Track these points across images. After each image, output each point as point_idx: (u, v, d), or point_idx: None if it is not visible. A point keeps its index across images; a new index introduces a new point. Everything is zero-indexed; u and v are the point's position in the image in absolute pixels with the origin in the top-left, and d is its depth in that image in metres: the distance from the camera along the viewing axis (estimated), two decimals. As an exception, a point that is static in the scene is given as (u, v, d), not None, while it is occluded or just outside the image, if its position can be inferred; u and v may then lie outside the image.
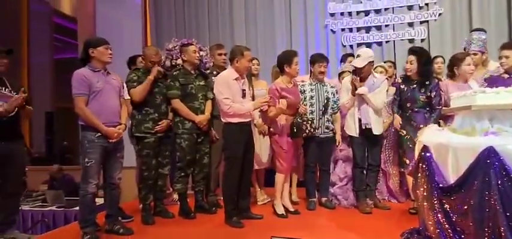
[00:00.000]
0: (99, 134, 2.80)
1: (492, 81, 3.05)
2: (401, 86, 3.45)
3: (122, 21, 6.16)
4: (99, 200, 3.56)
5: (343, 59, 4.53)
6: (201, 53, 4.65)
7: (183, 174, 3.45)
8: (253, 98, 3.79)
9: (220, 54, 3.85)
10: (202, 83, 3.53)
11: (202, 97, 3.49)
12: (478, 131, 2.12)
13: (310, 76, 3.76)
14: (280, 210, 3.44)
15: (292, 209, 3.51)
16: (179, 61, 4.04)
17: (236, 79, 3.16)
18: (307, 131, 3.41)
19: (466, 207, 1.99)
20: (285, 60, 3.42)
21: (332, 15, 5.57)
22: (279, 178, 3.43)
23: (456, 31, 5.02)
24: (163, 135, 3.39)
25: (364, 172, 3.61)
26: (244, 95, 3.21)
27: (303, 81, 3.75)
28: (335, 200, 3.79)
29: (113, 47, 3.00)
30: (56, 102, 8.67)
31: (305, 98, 3.62)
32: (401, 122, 3.36)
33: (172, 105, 3.42)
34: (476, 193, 1.94)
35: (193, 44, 3.60)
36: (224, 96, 3.09)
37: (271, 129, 3.46)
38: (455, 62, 3.30)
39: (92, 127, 2.79)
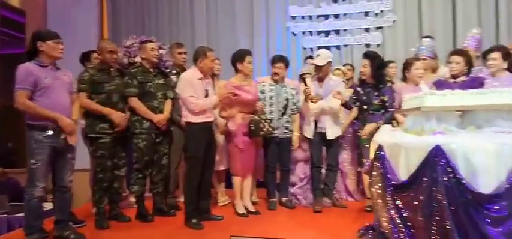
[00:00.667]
0: (48, 133, 2.62)
1: (440, 85, 3.25)
2: (357, 88, 3.59)
3: (76, 15, 5.83)
4: (48, 205, 3.37)
5: (306, 59, 4.64)
6: (161, 51, 4.53)
7: (140, 175, 3.33)
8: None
9: (180, 53, 3.78)
10: (161, 81, 3.43)
11: (161, 96, 3.39)
12: (427, 130, 2.25)
13: (271, 77, 3.80)
14: (241, 210, 3.44)
15: (253, 210, 3.52)
16: (137, 59, 3.90)
17: (200, 79, 3.14)
18: (265, 130, 3.43)
19: (416, 203, 2.09)
20: (237, 58, 3.47)
21: (293, 18, 5.67)
22: (236, 179, 3.44)
23: (408, 37, 5.30)
24: (120, 135, 3.24)
25: (321, 171, 3.70)
26: (207, 96, 3.19)
27: (263, 81, 3.79)
28: (295, 200, 3.86)
29: (65, 42, 2.82)
30: (0, 100, 8.02)
31: (265, 99, 3.66)
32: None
33: (130, 103, 3.30)
34: (425, 189, 2.05)
35: (152, 42, 3.50)
36: (189, 94, 3.07)
37: (228, 129, 3.46)
38: (406, 67, 3.49)
39: (41, 119, 2.60)
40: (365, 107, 3.48)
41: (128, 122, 3.29)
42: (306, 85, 3.56)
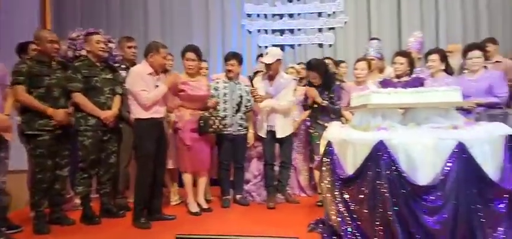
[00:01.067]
0: None
1: (385, 84, 3.43)
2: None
3: (15, 3, 5.37)
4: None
5: (258, 57, 4.67)
6: (110, 45, 4.31)
7: (85, 175, 3.14)
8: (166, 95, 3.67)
9: (130, 48, 3.63)
10: (109, 76, 3.27)
11: (109, 92, 3.23)
12: (372, 126, 2.35)
13: (225, 74, 3.77)
14: (194, 208, 3.38)
15: (206, 207, 3.47)
16: (83, 52, 3.68)
17: (150, 74, 3.05)
18: (214, 126, 3.40)
19: (361, 196, 2.18)
20: (182, 54, 3.46)
21: (249, 16, 5.68)
22: (186, 177, 3.38)
23: (359, 38, 5.54)
24: (62, 132, 3.03)
25: (274, 168, 3.74)
26: None
27: (217, 79, 3.76)
28: (249, 197, 3.86)
29: (1, 32, 2.58)
30: None
31: (218, 96, 3.63)
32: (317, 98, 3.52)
33: (74, 99, 3.10)
34: (369, 183, 2.14)
35: (98, 34, 3.31)
36: (140, 88, 2.97)
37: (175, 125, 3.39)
38: (354, 67, 3.65)
39: None
40: (315, 105, 3.56)
41: (71, 118, 3.08)
42: (252, 84, 3.58)
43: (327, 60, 4.08)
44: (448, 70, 3.64)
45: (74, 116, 3.10)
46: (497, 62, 4.09)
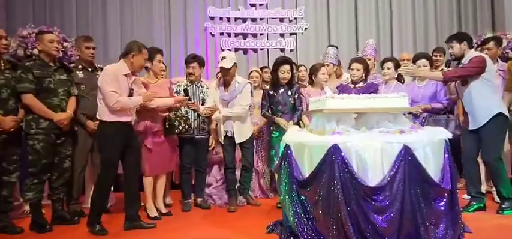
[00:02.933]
0: None
1: (342, 89, 3.59)
2: (270, 91, 3.73)
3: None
4: None
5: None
6: (66, 44, 4.15)
7: (36, 181, 2.98)
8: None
9: (88, 48, 3.48)
10: (63, 77, 3.14)
11: (63, 93, 3.10)
12: (328, 130, 2.45)
13: (187, 77, 3.75)
14: (153, 213, 3.32)
15: (165, 211, 3.43)
16: (35, 51, 3.51)
17: (126, 75, 2.89)
18: (180, 128, 3.37)
19: (317, 197, 2.27)
20: (148, 57, 3.30)
21: (212, 18, 5.69)
22: (146, 181, 3.32)
23: (319, 44, 5.74)
24: (9, 136, 2.86)
25: (235, 172, 3.77)
26: (131, 95, 2.94)
27: (178, 82, 3.74)
28: (210, 200, 3.86)
29: None
30: None
31: None
32: (286, 124, 3.53)
33: (24, 101, 2.94)
34: (324, 185, 2.23)
35: (51, 32, 3.18)
36: (111, 88, 2.77)
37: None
38: (313, 71, 3.79)
39: None
40: (279, 107, 3.62)
41: (21, 121, 2.93)
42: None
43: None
44: (401, 79, 3.88)
45: (24, 119, 2.95)
46: (442, 70, 4.41)
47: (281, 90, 3.63)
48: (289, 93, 3.60)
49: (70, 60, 4.00)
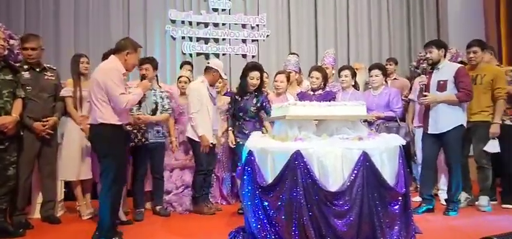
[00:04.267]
0: None
1: (302, 97, 3.68)
2: (236, 96, 3.73)
3: None
4: None
5: (182, 64, 4.60)
6: (12, 42, 3.86)
7: (-24, 191, 2.73)
8: (80, 99, 3.43)
9: (25, 49, 3.21)
10: (8, 77, 2.92)
11: (8, 95, 2.88)
12: (290, 137, 2.50)
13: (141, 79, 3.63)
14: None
15: (124, 219, 3.29)
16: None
17: (123, 74, 2.75)
18: (136, 140, 3.26)
19: (279, 203, 2.30)
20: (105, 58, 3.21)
21: (173, 22, 5.58)
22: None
23: (279, 52, 5.84)
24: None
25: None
26: None
27: (130, 85, 3.61)
28: (170, 208, 3.76)
29: None
30: None
31: None
32: (234, 142, 3.61)
33: (-38, 103, 2.69)
34: (287, 190, 2.27)
35: (-5, 30, 2.93)
36: (121, 91, 2.64)
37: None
38: (275, 79, 3.86)
39: None
40: (241, 114, 3.64)
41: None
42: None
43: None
44: (356, 86, 4.07)
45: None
46: (395, 79, 4.70)
47: (247, 97, 3.63)
48: (254, 101, 3.60)
49: (16, 59, 3.72)
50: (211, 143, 3.65)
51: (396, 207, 2.35)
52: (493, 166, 3.60)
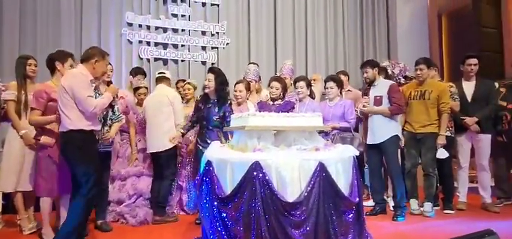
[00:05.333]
0: None
1: (262, 107, 3.72)
2: (199, 104, 3.68)
3: None
4: None
5: (135, 72, 4.42)
6: None
7: None
8: (25, 104, 3.19)
9: None
10: None
11: None
12: (249, 147, 2.51)
13: None
14: (50, 236, 2.94)
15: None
16: None
17: (91, 81, 2.78)
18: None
19: (238, 214, 2.29)
20: (58, 58, 3.05)
21: (130, 25, 5.40)
22: (46, 202, 2.95)
23: (239, 60, 5.87)
24: None
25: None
26: None
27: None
28: (122, 220, 3.59)
29: None
30: None
31: None
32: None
33: None
34: (245, 201, 2.27)
35: None
36: (88, 93, 2.66)
37: (41, 141, 2.94)
38: (234, 88, 3.87)
39: None
40: (204, 122, 3.58)
41: None
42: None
43: None
44: (312, 96, 4.19)
45: None
46: (348, 91, 4.91)
47: (209, 105, 3.58)
48: (216, 109, 3.54)
49: None
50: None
51: (350, 216, 2.44)
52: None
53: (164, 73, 4.08)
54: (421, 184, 3.93)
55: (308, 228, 2.24)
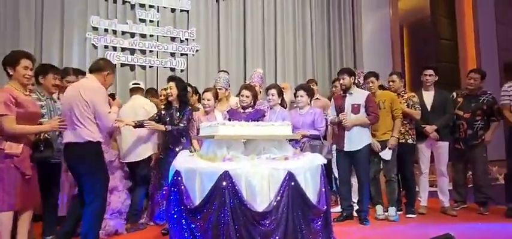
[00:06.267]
0: None
1: (232, 114, 3.72)
2: (162, 112, 3.63)
3: None
4: None
5: None
6: None
7: None
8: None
9: None
10: None
11: None
12: (219, 157, 2.50)
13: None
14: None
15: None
16: None
17: None
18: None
19: (207, 225, 2.27)
20: (9, 61, 2.77)
21: (95, 29, 5.21)
22: (6, 216, 2.68)
23: (209, 67, 5.83)
24: None
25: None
26: None
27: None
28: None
29: None
30: None
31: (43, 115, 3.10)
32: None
33: None
34: (215, 212, 2.25)
35: None
36: (108, 109, 2.83)
37: (6, 150, 2.66)
38: (202, 97, 3.85)
39: None
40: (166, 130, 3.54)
41: None
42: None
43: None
44: (283, 104, 4.25)
45: None
46: (317, 99, 5.02)
47: (171, 111, 3.57)
48: (178, 115, 3.55)
49: None
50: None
51: (318, 223, 2.49)
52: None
53: (139, 84, 4.09)
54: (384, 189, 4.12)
55: (277, 237, 2.26)
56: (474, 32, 7.88)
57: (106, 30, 5.26)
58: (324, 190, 2.57)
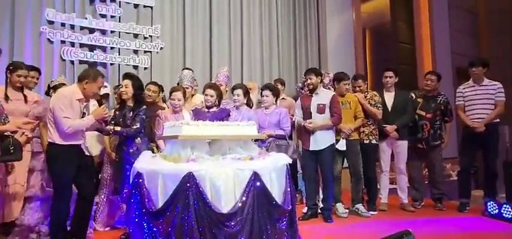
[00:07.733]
0: None
1: (197, 114, 3.64)
2: (117, 111, 3.49)
3: None
4: None
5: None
6: None
7: None
8: None
9: None
10: None
11: None
12: (183, 158, 2.43)
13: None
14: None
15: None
16: None
17: (79, 100, 2.93)
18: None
19: (170, 229, 2.20)
20: None
21: (51, 23, 4.91)
22: None
23: (173, 65, 5.68)
24: None
25: None
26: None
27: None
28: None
29: None
30: None
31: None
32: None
33: None
34: (178, 215, 2.19)
35: None
36: (64, 114, 2.83)
37: None
38: (171, 96, 3.72)
39: None
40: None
41: None
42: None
43: (153, 86, 3.99)
44: (249, 104, 4.22)
45: None
46: (283, 99, 5.05)
47: (124, 110, 3.41)
48: (131, 114, 3.37)
49: None
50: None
51: (284, 223, 2.49)
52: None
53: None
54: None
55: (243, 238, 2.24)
56: (430, 37, 8.32)
57: (63, 24, 4.97)
58: (289, 189, 2.58)
